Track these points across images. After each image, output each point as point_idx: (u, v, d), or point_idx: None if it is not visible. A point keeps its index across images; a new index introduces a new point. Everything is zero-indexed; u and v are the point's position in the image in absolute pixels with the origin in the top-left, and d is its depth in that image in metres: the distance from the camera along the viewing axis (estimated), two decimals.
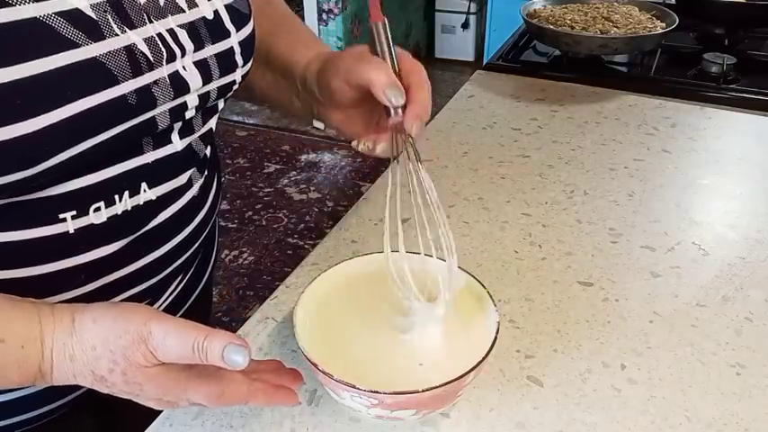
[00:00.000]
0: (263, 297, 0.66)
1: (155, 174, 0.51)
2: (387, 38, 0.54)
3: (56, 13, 0.40)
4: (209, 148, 0.59)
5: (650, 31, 1.15)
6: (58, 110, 0.40)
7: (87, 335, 0.43)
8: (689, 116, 1.03)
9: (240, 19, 0.55)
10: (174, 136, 0.52)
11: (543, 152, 0.92)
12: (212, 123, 0.58)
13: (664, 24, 1.18)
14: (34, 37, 0.39)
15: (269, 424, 0.52)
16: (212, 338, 0.42)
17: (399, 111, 0.53)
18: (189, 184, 0.56)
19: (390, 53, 0.54)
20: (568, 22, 1.20)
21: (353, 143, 0.59)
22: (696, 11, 1.30)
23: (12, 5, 0.38)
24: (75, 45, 0.41)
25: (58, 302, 0.46)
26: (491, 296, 0.53)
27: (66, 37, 0.40)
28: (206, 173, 0.60)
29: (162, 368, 0.44)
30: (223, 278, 2.12)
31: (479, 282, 0.55)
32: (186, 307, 0.66)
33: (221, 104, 0.58)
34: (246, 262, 2.21)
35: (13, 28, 0.38)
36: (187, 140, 0.54)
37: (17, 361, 0.42)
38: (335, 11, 2.91)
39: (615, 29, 1.16)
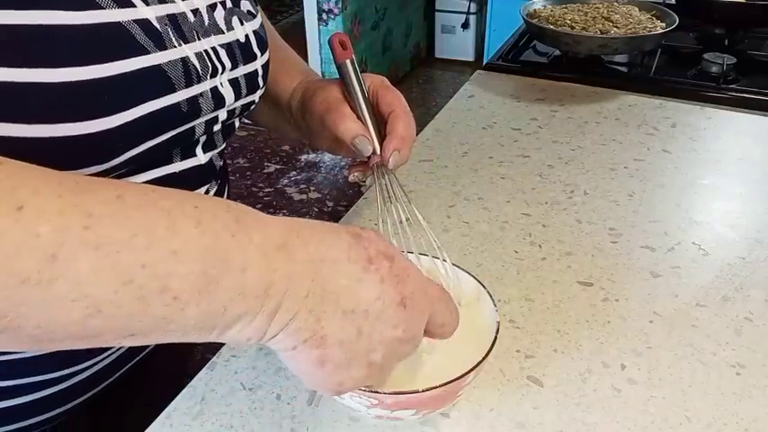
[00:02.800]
0: None
1: (180, 183, 0.53)
2: (356, 75, 0.58)
3: (134, 21, 0.42)
4: (223, 161, 0.62)
5: (650, 31, 1.15)
6: (133, 109, 0.43)
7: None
8: (689, 116, 1.03)
9: (263, 44, 0.58)
10: (199, 149, 0.54)
11: (543, 152, 0.93)
12: (228, 139, 0.61)
13: (664, 24, 1.19)
14: (117, 40, 0.41)
15: (269, 424, 0.52)
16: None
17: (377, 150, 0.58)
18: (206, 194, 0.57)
19: (361, 89, 0.58)
20: (568, 22, 1.20)
21: (345, 173, 0.63)
22: (696, 11, 1.30)
23: (102, 8, 0.40)
24: (146, 51, 0.43)
25: None
26: (491, 296, 0.53)
27: (140, 43, 0.43)
28: (219, 181, 0.62)
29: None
30: None
31: (479, 282, 0.55)
32: None
33: (237, 123, 0.61)
34: None
35: (102, 29, 0.40)
36: (209, 154, 0.56)
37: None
38: (335, 11, 2.91)
39: (615, 29, 1.16)
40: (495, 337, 0.49)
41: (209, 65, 0.49)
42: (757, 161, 0.91)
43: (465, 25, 3.63)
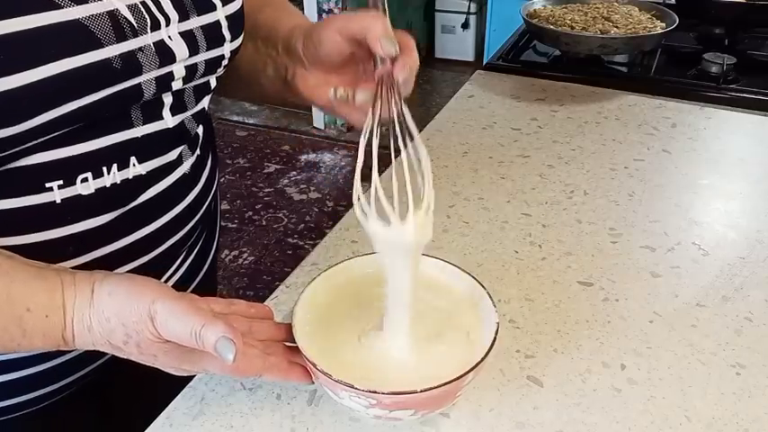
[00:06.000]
0: (263, 297, 0.66)
1: (144, 148, 0.52)
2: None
3: None
4: (200, 127, 0.60)
5: (650, 31, 1.15)
6: (43, 67, 0.41)
7: (103, 307, 0.44)
8: (689, 116, 1.03)
9: None
10: (166, 112, 0.52)
11: (543, 152, 0.92)
12: (205, 102, 0.59)
13: (664, 24, 1.18)
14: None
15: (269, 424, 0.52)
16: (208, 329, 0.43)
17: (388, 61, 0.52)
18: (179, 161, 0.56)
19: (385, 12, 0.53)
20: (568, 22, 1.20)
21: (330, 92, 0.57)
22: (696, 11, 1.30)
23: None
24: (56, 6, 0.41)
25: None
26: (491, 296, 0.53)
27: None
28: (198, 152, 0.60)
29: (173, 344, 0.45)
30: (223, 278, 2.12)
31: (479, 282, 0.55)
32: (191, 289, 0.67)
33: (213, 82, 0.58)
34: (246, 262, 2.21)
35: None
36: (179, 118, 0.54)
37: (42, 329, 0.44)
38: (335, 11, 2.91)
39: (615, 29, 1.16)
40: (495, 338, 0.49)
41: (148, 17, 0.47)
42: (757, 161, 0.91)
43: (465, 25, 3.62)
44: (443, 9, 3.65)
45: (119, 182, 0.51)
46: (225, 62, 0.56)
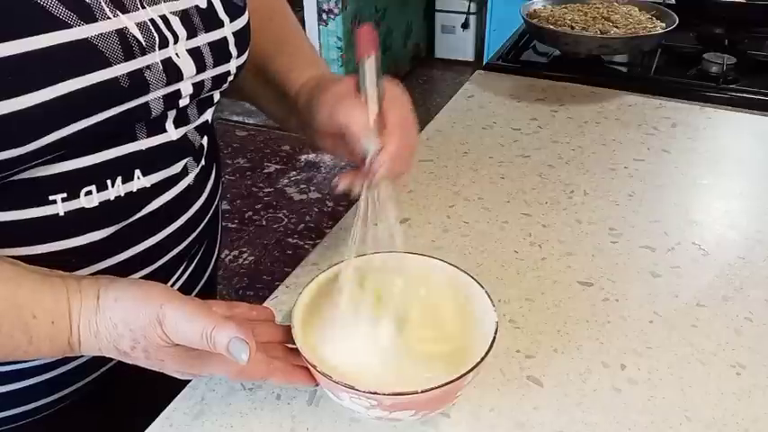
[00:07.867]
0: (263, 297, 0.66)
1: (148, 161, 0.52)
2: (375, 73, 0.53)
3: None
4: (205, 138, 0.60)
5: (650, 31, 1.15)
6: (50, 88, 0.41)
7: (110, 313, 0.44)
8: (689, 116, 1.03)
9: (234, 10, 0.55)
10: (169, 125, 0.52)
11: (543, 152, 0.92)
12: (208, 115, 0.59)
13: (664, 24, 1.18)
14: (26, 15, 0.40)
15: (269, 424, 0.52)
16: (219, 330, 0.43)
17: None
18: (184, 173, 0.56)
19: (378, 87, 0.53)
20: (568, 22, 1.20)
21: (333, 183, 0.59)
22: (696, 11, 1.30)
23: None
24: (66, 25, 0.41)
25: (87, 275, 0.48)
26: (490, 296, 0.53)
27: (57, 17, 0.41)
28: (202, 163, 0.60)
29: (181, 347, 0.45)
30: (223, 278, 2.12)
31: (479, 282, 0.55)
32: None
33: (217, 96, 0.58)
34: (246, 262, 2.21)
35: (6, 5, 0.39)
36: (183, 130, 0.54)
37: (48, 336, 0.44)
38: (335, 11, 2.91)
39: (615, 29, 1.16)
40: (494, 338, 0.49)
41: (157, 35, 0.47)
42: (757, 161, 0.91)
43: (465, 25, 3.62)
44: (443, 9, 3.65)
45: (123, 195, 0.51)
46: (231, 78, 0.56)
